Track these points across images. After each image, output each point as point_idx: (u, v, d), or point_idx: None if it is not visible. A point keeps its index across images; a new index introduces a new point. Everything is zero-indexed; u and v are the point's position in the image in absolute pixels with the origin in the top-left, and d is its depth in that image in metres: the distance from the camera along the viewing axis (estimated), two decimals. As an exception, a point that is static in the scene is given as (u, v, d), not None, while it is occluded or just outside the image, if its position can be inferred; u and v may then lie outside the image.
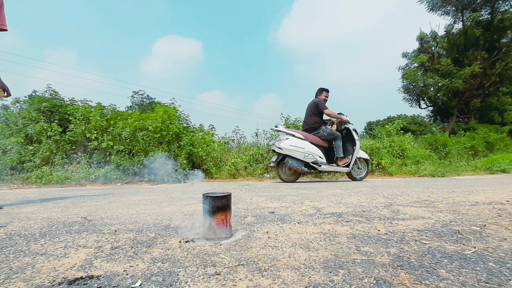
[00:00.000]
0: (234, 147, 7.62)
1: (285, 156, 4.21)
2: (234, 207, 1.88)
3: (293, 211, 1.71)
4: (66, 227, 1.37)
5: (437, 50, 15.23)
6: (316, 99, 4.50)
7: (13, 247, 1.04)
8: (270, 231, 1.22)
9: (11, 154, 4.92)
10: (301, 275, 0.74)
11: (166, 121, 5.64)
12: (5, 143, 5.01)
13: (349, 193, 2.59)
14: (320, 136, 4.36)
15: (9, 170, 4.80)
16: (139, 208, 1.95)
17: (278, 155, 4.28)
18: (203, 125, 6.68)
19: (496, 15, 13.07)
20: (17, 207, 2.07)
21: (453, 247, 0.97)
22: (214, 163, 5.92)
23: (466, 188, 2.89)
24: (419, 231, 1.18)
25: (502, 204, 1.79)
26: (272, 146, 4.31)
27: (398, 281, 0.69)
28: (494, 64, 13.33)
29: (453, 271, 0.75)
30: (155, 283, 0.70)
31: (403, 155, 7.39)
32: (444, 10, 14.54)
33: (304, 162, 4.19)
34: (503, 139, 11.44)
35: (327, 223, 1.36)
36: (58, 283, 0.71)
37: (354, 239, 1.07)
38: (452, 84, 12.73)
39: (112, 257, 0.91)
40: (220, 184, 4.51)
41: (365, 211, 1.66)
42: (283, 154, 4.20)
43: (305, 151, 4.13)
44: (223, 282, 0.71)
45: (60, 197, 2.78)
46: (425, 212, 1.59)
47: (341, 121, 4.51)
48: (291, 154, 4.14)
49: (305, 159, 4.14)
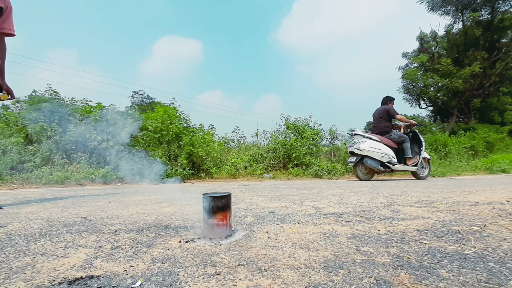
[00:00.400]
0: (234, 147, 7.63)
1: (363, 156, 4.62)
2: (234, 207, 1.88)
3: (293, 211, 1.71)
4: (66, 227, 1.37)
5: (437, 50, 15.23)
6: (386, 106, 4.96)
7: (13, 247, 1.04)
8: (270, 231, 1.22)
9: (11, 154, 4.92)
10: (301, 275, 0.74)
11: (166, 121, 5.64)
12: (5, 143, 5.01)
13: (349, 193, 2.59)
14: (392, 138, 4.82)
15: (9, 170, 4.80)
16: (139, 208, 1.95)
17: (357, 156, 4.68)
18: (203, 125, 6.69)
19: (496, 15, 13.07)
20: (17, 207, 2.07)
21: (453, 247, 0.97)
22: (214, 163, 5.92)
23: (466, 188, 2.89)
24: (419, 231, 1.18)
25: (502, 204, 1.79)
26: (350, 148, 4.71)
27: (398, 281, 0.69)
28: (494, 64, 13.33)
29: (453, 271, 0.75)
30: (155, 283, 0.70)
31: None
32: (444, 10, 14.55)
33: (380, 162, 4.61)
34: (503, 139, 11.44)
35: (327, 223, 1.36)
36: (58, 283, 0.71)
37: (354, 239, 1.07)
38: (452, 84, 12.73)
39: (112, 257, 0.92)
40: (220, 184, 4.51)
41: (365, 211, 1.66)
42: (362, 155, 4.60)
43: (381, 152, 4.57)
44: (223, 282, 0.71)
45: (60, 197, 2.78)
46: (425, 212, 1.59)
47: (409, 124, 4.99)
48: (370, 155, 4.55)
49: (382, 159, 4.57)
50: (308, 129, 7.16)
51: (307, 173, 6.07)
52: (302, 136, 6.93)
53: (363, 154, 4.55)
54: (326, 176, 5.92)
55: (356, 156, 4.68)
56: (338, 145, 7.84)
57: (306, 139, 6.88)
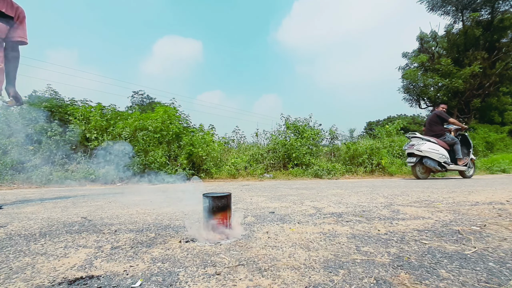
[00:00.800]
0: (234, 147, 7.62)
1: (422, 157, 4.97)
2: (234, 207, 1.88)
3: (293, 211, 1.71)
4: (66, 227, 1.37)
5: (437, 50, 15.23)
6: (437, 111, 5.34)
7: (13, 247, 1.04)
8: (270, 231, 1.22)
9: (11, 154, 4.92)
10: (301, 275, 0.74)
11: (166, 121, 5.64)
12: (5, 143, 5.01)
13: (349, 193, 2.59)
14: (446, 141, 5.21)
15: (9, 170, 4.80)
16: (139, 208, 1.95)
17: (416, 157, 5.02)
18: (203, 125, 6.69)
19: (496, 15, 13.07)
20: (17, 207, 2.07)
21: (453, 247, 0.97)
22: (214, 163, 5.91)
23: (466, 188, 2.89)
24: (419, 231, 1.18)
25: (502, 204, 1.79)
26: (409, 149, 5.08)
27: (398, 281, 0.69)
28: (494, 64, 13.33)
29: (453, 271, 0.75)
30: (155, 283, 0.70)
31: (403, 155, 7.39)
32: (444, 10, 14.54)
33: (438, 162, 4.97)
34: (503, 139, 11.44)
35: (327, 223, 1.36)
36: (58, 283, 0.71)
37: (354, 239, 1.07)
38: (452, 84, 12.73)
39: (112, 257, 0.91)
40: (220, 184, 4.51)
41: (365, 211, 1.66)
42: (422, 155, 4.95)
43: (439, 153, 4.95)
44: (223, 282, 0.71)
45: (60, 197, 2.78)
46: (425, 212, 1.59)
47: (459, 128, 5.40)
48: (429, 156, 4.90)
49: (439, 159, 4.95)
50: (308, 129, 7.16)
51: (307, 173, 6.07)
52: (302, 136, 6.94)
53: (423, 155, 4.90)
54: (326, 176, 5.92)
55: (416, 157, 5.04)
56: (338, 145, 7.84)
57: (306, 139, 6.88)
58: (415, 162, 5.05)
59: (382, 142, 7.44)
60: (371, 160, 6.67)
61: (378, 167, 6.60)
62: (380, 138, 7.94)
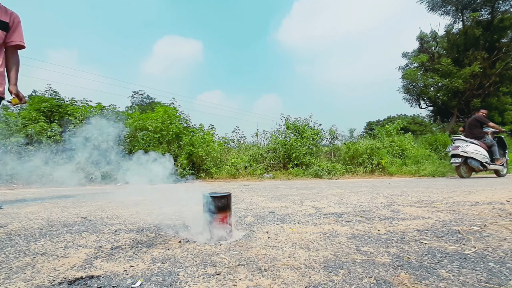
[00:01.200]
0: (234, 147, 7.62)
1: (467, 158, 5.38)
2: (234, 207, 1.88)
3: (293, 211, 1.71)
4: (66, 227, 1.37)
5: (437, 50, 15.22)
6: (477, 116, 5.79)
7: (13, 247, 1.04)
8: (270, 231, 1.22)
9: (11, 154, 4.92)
10: (301, 275, 0.74)
11: (166, 121, 5.64)
12: (5, 143, 5.01)
13: (349, 193, 2.59)
14: (486, 143, 5.61)
15: (9, 170, 4.80)
16: (139, 208, 1.95)
17: (461, 158, 5.42)
18: (203, 125, 6.69)
19: (496, 15, 13.07)
20: (17, 207, 2.07)
21: (453, 247, 0.97)
22: (214, 163, 5.91)
23: (466, 188, 2.89)
24: (419, 231, 1.18)
25: (502, 204, 1.79)
26: (454, 151, 5.49)
27: (398, 281, 0.69)
28: (494, 64, 13.32)
29: (453, 271, 0.75)
30: (155, 283, 0.70)
31: (403, 155, 7.39)
32: (444, 10, 14.53)
33: (480, 162, 5.35)
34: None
35: (327, 223, 1.36)
36: (58, 283, 0.71)
37: (354, 239, 1.07)
38: (452, 84, 12.72)
39: (112, 257, 0.91)
40: (220, 184, 4.51)
41: (365, 211, 1.66)
42: (466, 156, 5.36)
43: (482, 153, 5.36)
44: (223, 282, 0.71)
45: (60, 197, 2.78)
46: (425, 212, 1.59)
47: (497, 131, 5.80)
48: (474, 157, 5.32)
49: (482, 160, 5.34)
50: (308, 129, 7.16)
51: (307, 173, 6.07)
52: (302, 136, 6.93)
53: (468, 156, 5.32)
54: (326, 176, 5.92)
55: (461, 157, 5.45)
56: (338, 145, 7.84)
57: (306, 139, 6.88)
58: (460, 163, 5.42)
59: (382, 142, 7.44)
60: (371, 160, 6.67)
61: (378, 167, 6.60)
62: (380, 138, 7.94)
